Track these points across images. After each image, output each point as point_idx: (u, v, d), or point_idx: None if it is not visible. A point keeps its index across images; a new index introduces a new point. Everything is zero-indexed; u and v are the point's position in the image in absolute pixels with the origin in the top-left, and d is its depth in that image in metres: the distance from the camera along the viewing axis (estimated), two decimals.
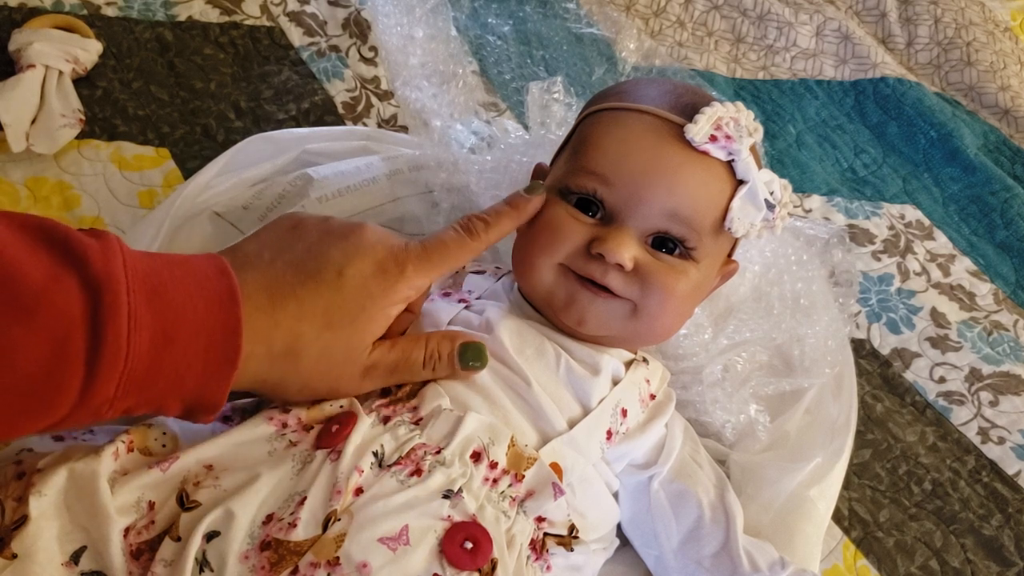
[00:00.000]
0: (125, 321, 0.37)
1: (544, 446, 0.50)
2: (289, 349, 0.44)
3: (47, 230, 0.38)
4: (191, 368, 0.40)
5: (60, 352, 0.36)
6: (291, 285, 0.44)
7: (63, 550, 0.41)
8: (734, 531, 0.55)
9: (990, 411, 0.82)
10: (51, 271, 0.36)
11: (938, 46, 1.25)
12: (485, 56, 1.00)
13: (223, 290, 0.41)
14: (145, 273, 0.39)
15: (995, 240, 1.01)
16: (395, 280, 0.46)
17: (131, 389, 0.38)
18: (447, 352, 0.49)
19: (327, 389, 0.48)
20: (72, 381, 0.36)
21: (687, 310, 0.56)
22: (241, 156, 0.74)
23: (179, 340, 0.39)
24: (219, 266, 0.42)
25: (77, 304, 0.36)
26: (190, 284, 0.40)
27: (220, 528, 0.43)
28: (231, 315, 0.41)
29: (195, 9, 0.93)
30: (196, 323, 0.40)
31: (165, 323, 0.38)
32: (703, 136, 0.51)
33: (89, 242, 0.38)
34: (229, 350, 0.40)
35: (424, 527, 0.44)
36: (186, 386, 0.40)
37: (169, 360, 0.39)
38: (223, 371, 0.41)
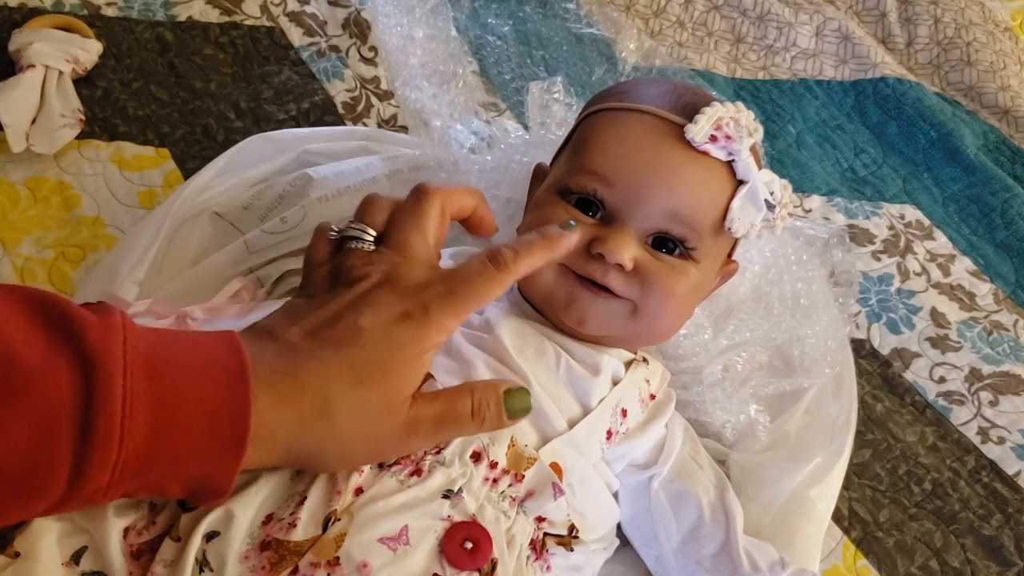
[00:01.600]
0: (119, 406, 0.34)
1: (544, 446, 0.50)
2: (320, 411, 0.40)
3: (46, 305, 0.36)
4: (193, 453, 0.37)
5: (48, 438, 0.33)
6: (310, 350, 0.41)
7: (64, 550, 0.41)
8: (734, 531, 0.55)
9: (990, 411, 0.82)
10: (45, 350, 0.34)
11: (938, 46, 1.25)
12: (485, 56, 1.00)
13: (232, 369, 0.38)
14: (147, 352, 0.37)
15: (995, 240, 1.01)
16: (420, 324, 0.43)
17: (127, 476, 0.35)
18: (494, 401, 0.45)
19: (369, 451, 0.44)
20: (60, 469, 0.34)
21: (687, 310, 0.56)
22: (241, 156, 0.74)
23: (180, 425, 0.36)
24: (231, 342, 0.39)
25: (68, 386, 0.34)
26: (196, 363, 0.38)
27: (220, 528, 0.43)
28: (239, 396, 0.37)
29: (195, 9, 0.93)
30: (200, 406, 0.37)
31: (165, 407, 0.36)
32: (703, 136, 0.51)
33: (89, 318, 0.36)
34: (236, 434, 0.37)
35: (424, 527, 0.44)
36: (189, 471, 0.37)
37: (169, 446, 0.36)
38: (229, 455, 0.38)
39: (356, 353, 0.41)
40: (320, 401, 0.40)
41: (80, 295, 0.67)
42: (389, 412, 0.43)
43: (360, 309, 0.43)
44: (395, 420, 0.43)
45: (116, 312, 0.38)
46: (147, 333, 0.38)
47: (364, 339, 0.42)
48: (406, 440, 0.44)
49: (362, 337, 0.42)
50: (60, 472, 0.34)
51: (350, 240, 0.47)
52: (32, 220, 0.72)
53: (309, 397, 0.40)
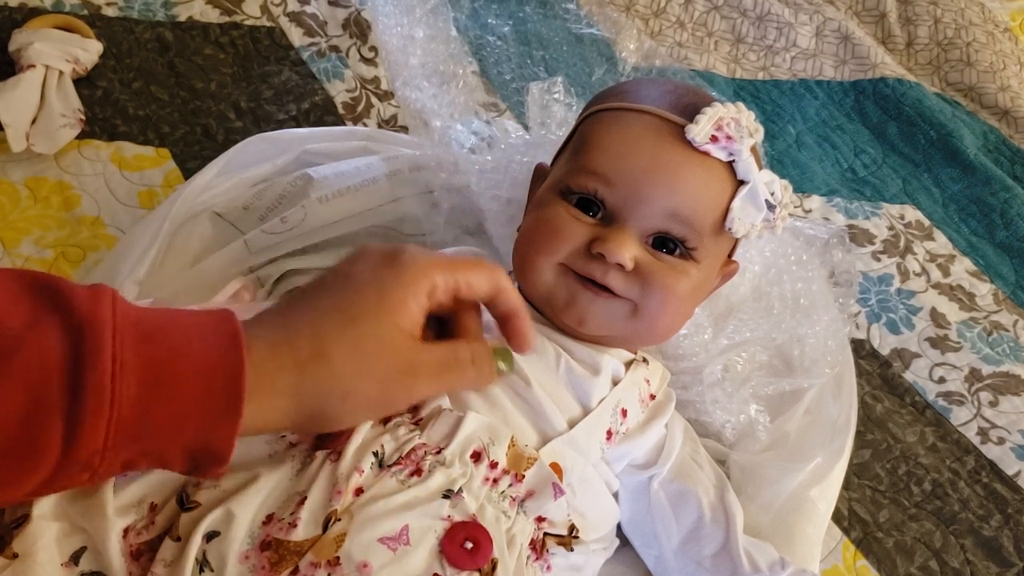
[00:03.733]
0: (109, 364, 0.34)
1: (544, 446, 0.50)
2: (316, 351, 0.40)
3: (35, 278, 0.36)
4: (190, 415, 0.36)
5: (38, 403, 0.33)
6: (302, 297, 0.43)
7: (63, 550, 0.41)
8: (734, 531, 0.55)
9: (990, 411, 0.82)
10: (31, 317, 0.34)
11: (938, 46, 1.25)
12: (485, 56, 1.00)
13: (225, 331, 0.38)
14: (137, 317, 0.37)
15: (995, 240, 1.01)
16: (406, 266, 0.44)
17: (122, 439, 0.35)
18: (487, 353, 0.46)
19: (375, 393, 0.42)
20: (52, 433, 0.33)
21: (687, 310, 0.56)
22: (241, 156, 0.74)
23: (173, 383, 0.36)
24: (222, 313, 0.40)
25: (57, 350, 0.34)
26: (189, 326, 0.38)
27: (220, 528, 0.43)
28: (232, 355, 0.37)
29: (195, 9, 0.93)
30: (193, 365, 0.36)
31: (156, 364, 0.35)
32: (704, 136, 0.51)
33: (78, 289, 0.36)
34: (232, 393, 0.37)
35: (424, 527, 0.44)
36: (186, 434, 0.37)
37: (163, 406, 0.36)
38: (227, 417, 0.37)
39: (346, 295, 0.43)
40: (315, 342, 0.40)
41: None
42: (387, 351, 0.42)
43: (350, 260, 0.45)
44: (396, 359, 0.42)
45: (107, 287, 0.38)
46: (138, 306, 0.38)
47: (353, 281, 0.43)
48: (411, 382, 0.43)
49: (351, 279, 0.43)
50: (53, 436, 0.33)
51: None
52: (32, 220, 0.72)
53: (303, 340, 0.40)
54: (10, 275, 0.36)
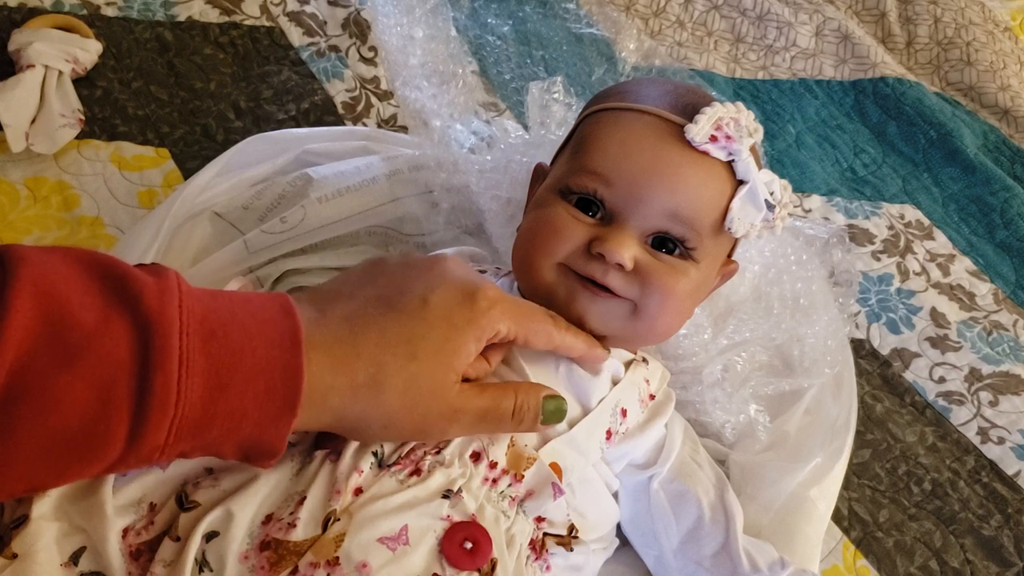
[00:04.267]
0: (176, 366, 0.35)
1: (544, 446, 0.50)
2: (372, 380, 0.41)
3: (104, 266, 0.36)
4: (248, 414, 0.38)
5: (106, 400, 0.34)
6: (373, 316, 0.43)
7: (62, 551, 0.41)
8: (734, 531, 0.55)
9: (990, 411, 0.82)
10: (103, 312, 0.35)
11: (938, 46, 1.25)
12: (485, 56, 1.00)
13: (285, 331, 0.39)
14: (203, 314, 0.37)
15: (995, 240, 1.01)
16: (482, 311, 0.45)
17: (184, 435, 0.36)
18: (534, 404, 0.47)
19: (412, 428, 0.44)
20: (118, 429, 0.35)
21: (687, 310, 0.56)
22: (241, 156, 0.74)
23: (235, 385, 0.37)
24: (283, 305, 0.40)
25: (125, 348, 0.35)
26: (251, 325, 0.38)
27: (219, 528, 0.43)
28: (292, 358, 0.38)
29: (195, 9, 0.93)
30: (255, 367, 0.37)
31: (221, 367, 0.37)
32: (703, 136, 0.51)
33: (145, 280, 0.37)
34: (289, 395, 0.38)
35: (424, 527, 0.44)
36: (243, 432, 0.38)
37: (224, 405, 0.37)
38: (282, 417, 0.38)
39: (416, 328, 0.43)
40: (374, 371, 0.41)
41: None
42: (437, 393, 0.44)
43: (433, 284, 0.45)
44: (441, 402, 0.44)
45: (171, 273, 0.38)
46: (202, 294, 0.39)
47: (427, 313, 0.43)
48: (448, 425, 0.45)
49: (427, 310, 0.43)
50: (119, 432, 0.35)
51: None
52: (32, 220, 0.72)
53: (363, 365, 0.41)
54: (80, 262, 0.36)
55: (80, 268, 0.36)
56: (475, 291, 0.45)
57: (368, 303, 0.43)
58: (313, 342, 0.40)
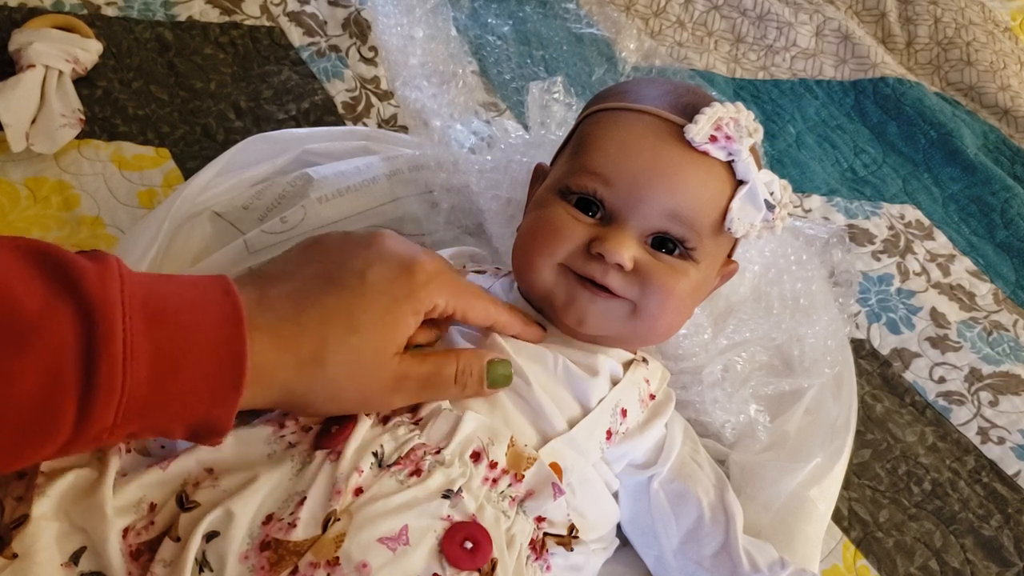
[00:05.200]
0: (120, 348, 0.35)
1: (544, 446, 0.50)
2: (316, 354, 0.42)
3: (44, 254, 0.37)
4: (195, 394, 0.38)
5: (54, 382, 0.35)
6: (314, 293, 0.44)
7: (63, 551, 0.41)
8: (734, 531, 0.55)
9: (990, 411, 0.82)
10: (46, 298, 0.35)
11: (938, 46, 1.25)
12: (485, 56, 1.00)
13: (227, 312, 0.40)
14: (144, 296, 0.38)
15: (995, 240, 1.01)
16: (420, 284, 0.46)
17: (131, 416, 0.37)
18: (477, 369, 0.48)
19: (356, 400, 0.46)
20: (67, 412, 0.35)
21: (687, 310, 0.56)
22: (241, 156, 0.74)
23: (181, 366, 0.38)
24: (224, 287, 0.41)
25: (70, 333, 0.35)
26: (194, 306, 0.39)
27: (220, 528, 0.43)
28: (235, 338, 0.39)
29: (195, 9, 0.93)
30: (199, 347, 0.38)
31: (166, 348, 0.37)
32: (703, 136, 0.51)
33: (86, 265, 0.37)
34: (234, 374, 0.39)
35: (424, 527, 0.44)
36: (190, 411, 0.39)
37: (172, 386, 0.37)
38: (228, 395, 0.39)
39: (355, 301, 0.44)
40: (317, 344, 0.42)
41: None
42: (378, 363, 0.45)
43: (371, 259, 0.46)
44: (384, 372, 0.45)
45: (111, 258, 0.38)
46: (143, 278, 0.39)
47: (366, 287, 0.45)
48: (392, 394, 0.46)
49: (364, 283, 0.45)
50: (67, 415, 0.35)
51: None
52: (32, 220, 0.72)
53: (307, 341, 0.42)
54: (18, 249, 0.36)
55: (20, 255, 0.36)
56: (412, 264, 0.46)
57: (309, 281, 0.44)
58: (256, 323, 0.40)
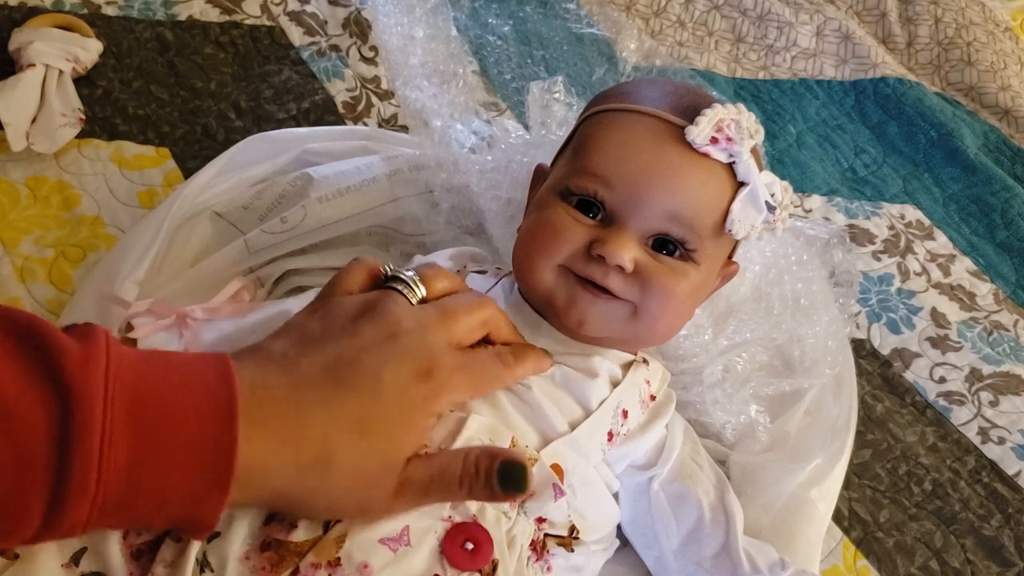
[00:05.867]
0: (97, 443, 0.32)
1: (545, 447, 0.50)
2: (319, 459, 0.39)
3: (26, 331, 0.34)
4: (175, 490, 0.35)
5: (20, 475, 0.32)
6: (321, 390, 0.40)
7: (63, 551, 0.41)
8: (734, 532, 0.55)
9: (990, 411, 0.82)
10: (23, 381, 0.33)
11: (938, 46, 1.25)
12: (485, 56, 1.00)
13: (221, 402, 0.36)
14: (131, 381, 0.35)
15: (995, 240, 1.01)
16: (440, 385, 0.43)
17: (107, 511, 0.34)
18: (484, 469, 0.43)
19: (355, 508, 0.42)
20: (35, 505, 0.32)
21: (687, 311, 0.56)
22: (241, 156, 0.74)
23: (161, 461, 0.34)
24: (222, 371, 0.37)
25: (45, 420, 0.32)
26: (184, 394, 0.36)
27: (220, 529, 0.42)
28: (225, 433, 0.35)
29: (195, 9, 0.93)
30: (184, 441, 0.35)
31: (146, 441, 0.34)
32: (704, 138, 0.51)
33: (69, 347, 0.34)
34: (220, 473, 0.35)
35: (425, 528, 0.44)
36: (171, 507, 0.36)
37: (149, 482, 0.34)
38: (212, 495, 0.36)
39: (369, 404, 0.40)
40: (321, 449, 0.39)
41: (80, 295, 0.67)
42: (386, 471, 0.42)
43: (385, 357, 0.41)
44: (389, 480, 0.42)
45: (100, 335, 0.36)
46: (134, 358, 0.36)
47: (382, 391, 0.41)
48: (393, 501, 0.43)
49: (380, 388, 0.41)
50: (35, 509, 0.33)
51: (398, 285, 0.46)
52: (32, 219, 0.72)
53: (310, 445, 0.39)
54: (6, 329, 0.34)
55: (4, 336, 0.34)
56: (432, 366, 0.43)
57: (316, 373, 0.40)
58: (254, 417, 0.37)
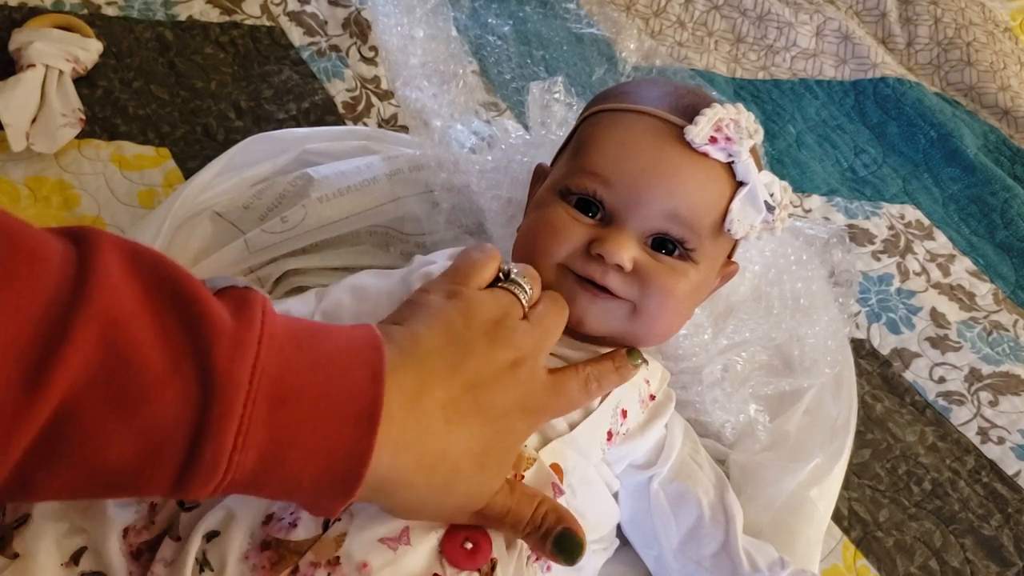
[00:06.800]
0: (232, 438, 0.32)
1: (544, 447, 0.50)
2: (446, 484, 0.40)
3: (185, 301, 0.33)
4: (302, 485, 0.35)
5: (153, 455, 0.32)
6: (464, 414, 0.40)
7: (63, 551, 0.41)
8: (734, 531, 0.55)
9: (990, 411, 0.82)
10: (170, 361, 0.32)
11: (938, 46, 1.25)
12: (485, 56, 1.00)
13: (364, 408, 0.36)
14: (278, 373, 0.34)
15: (995, 240, 1.01)
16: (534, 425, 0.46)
17: (228, 491, 0.34)
18: (548, 527, 0.45)
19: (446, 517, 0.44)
20: (160, 483, 0.33)
21: (687, 311, 0.56)
22: (241, 156, 0.74)
23: (293, 460, 0.34)
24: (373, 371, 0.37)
25: (185, 406, 0.32)
26: (329, 392, 0.35)
27: (220, 528, 0.43)
28: (363, 440, 0.35)
29: (195, 9, 0.93)
30: (320, 443, 0.35)
31: (282, 441, 0.34)
32: (703, 137, 0.51)
33: (223, 326, 0.33)
34: (350, 480, 0.36)
35: (424, 527, 0.44)
36: (296, 497, 0.37)
37: (277, 476, 0.35)
38: (338, 496, 0.36)
39: (492, 438, 0.41)
40: (450, 477, 0.40)
41: None
42: (483, 499, 0.43)
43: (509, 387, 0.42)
44: (481, 503, 0.43)
45: (257, 309, 0.35)
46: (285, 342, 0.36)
47: (504, 427, 0.42)
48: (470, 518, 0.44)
49: (504, 425, 0.42)
50: (160, 485, 0.33)
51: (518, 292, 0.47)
52: (32, 219, 0.71)
53: (443, 472, 0.39)
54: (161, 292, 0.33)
55: (157, 298, 0.33)
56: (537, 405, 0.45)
57: (461, 395, 0.40)
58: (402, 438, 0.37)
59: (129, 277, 0.33)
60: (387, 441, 0.36)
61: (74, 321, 0.30)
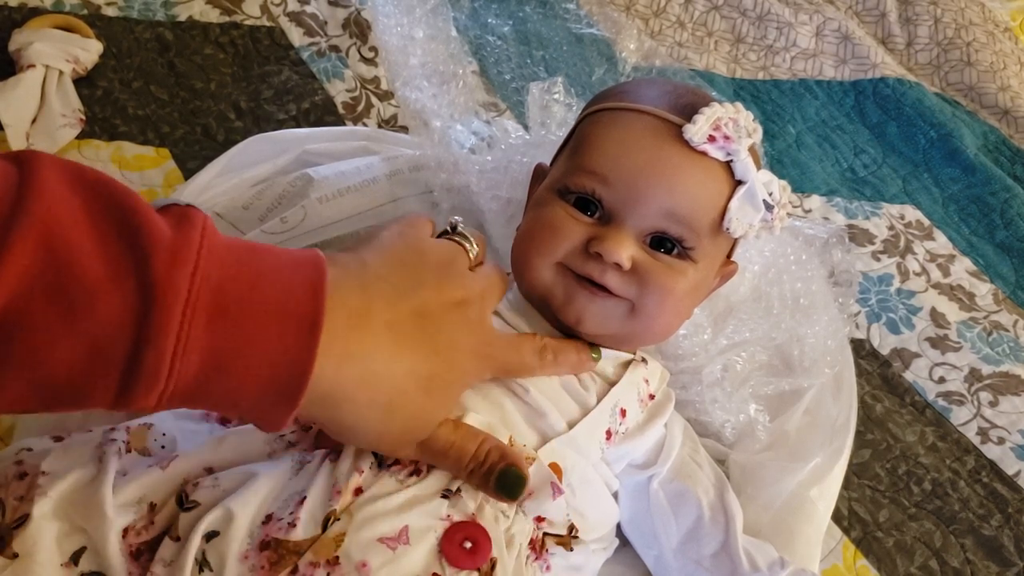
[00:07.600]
0: (171, 344, 0.33)
1: (543, 446, 0.50)
2: (388, 403, 0.40)
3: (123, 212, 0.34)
4: (247, 396, 0.36)
5: (96, 360, 0.33)
6: (411, 338, 0.41)
7: (63, 551, 0.41)
8: (734, 531, 0.55)
9: (990, 411, 0.82)
10: (110, 268, 0.33)
11: (938, 46, 1.25)
12: (485, 56, 1.00)
13: (305, 323, 0.36)
14: (219, 283, 0.35)
15: (995, 240, 1.01)
16: (484, 367, 0.47)
17: (175, 401, 0.35)
18: (490, 463, 0.46)
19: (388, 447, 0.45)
20: (105, 391, 0.33)
21: (685, 310, 0.56)
22: (241, 156, 0.74)
23: (236, 368, 0.35)
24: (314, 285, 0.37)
25: (124, 313, 0.32)
26: (270, 304, 0.36)
27: (219, 528, 0.43)
28: (304, 354, 0.36)
29: (195, 9, 0.93)
30: (262, 354, 0.35)
31: (224, 349, 0.34)
32: (702, 136, 0.51)
33: (161, 237, 0.34)
34: (292, 391, 0.36)
35: (423, 527, 0.44)
36: (240, 409, 0.37)
37: (221, 385, 0.35)
38: (281, 407, 0.37)
39: (439, 366, 0.42)
40: (393, 396, 0.40)
41: None
42: (427, 427, 0.44)
43: (459, 323, 0.44)
44: (425, 434, 0.44)
45: (196, 225, 0.35)
46: (226, 254, 0.36)
47: (452, 358, 0.43)
48: (414, 452, 0.45)
49: (452, 355, 0.43)
50: (105, 393, 0.34)
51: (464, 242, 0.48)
52: None
53: (386, 390, 0.40)
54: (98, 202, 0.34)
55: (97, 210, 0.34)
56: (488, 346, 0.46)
57: (409, 319, 0.41)
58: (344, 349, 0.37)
59: (69, 192, 0.33)
60: (330, 353, 0.36)
61: (13, 231, 0.31)
